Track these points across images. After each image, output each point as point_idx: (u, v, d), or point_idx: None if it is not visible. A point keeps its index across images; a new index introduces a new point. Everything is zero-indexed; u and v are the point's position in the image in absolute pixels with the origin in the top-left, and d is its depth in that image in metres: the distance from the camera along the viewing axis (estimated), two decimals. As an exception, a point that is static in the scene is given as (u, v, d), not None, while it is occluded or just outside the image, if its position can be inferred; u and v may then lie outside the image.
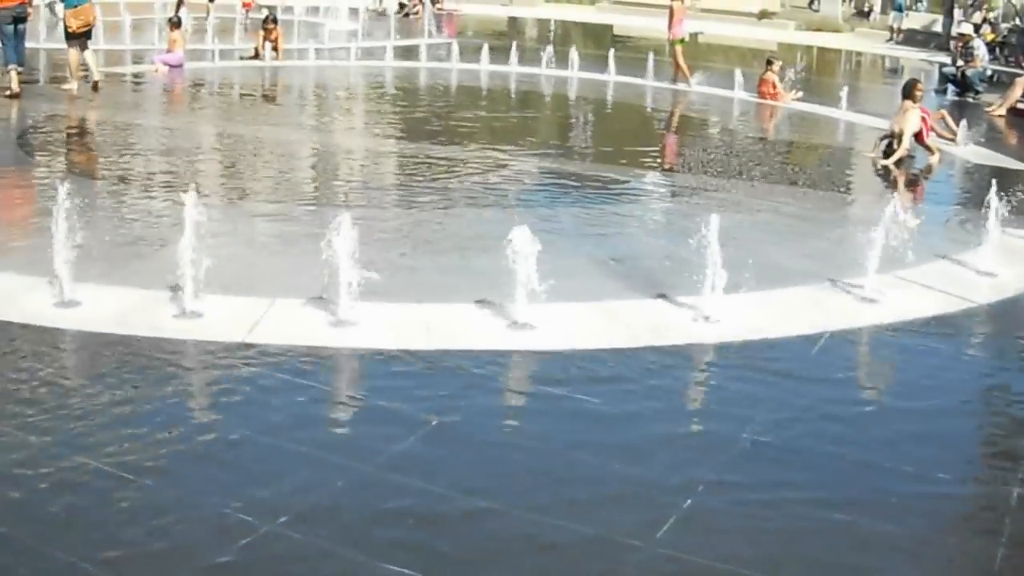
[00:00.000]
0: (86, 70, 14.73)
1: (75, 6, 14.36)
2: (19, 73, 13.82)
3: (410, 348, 5.73)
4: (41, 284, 6.18)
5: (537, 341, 5.92)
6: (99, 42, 18.88)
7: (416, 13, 31.49)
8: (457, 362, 5.63)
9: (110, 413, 4.74)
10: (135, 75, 17.50)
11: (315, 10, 28.88)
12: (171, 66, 17.38)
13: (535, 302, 6.00)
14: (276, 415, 4.85)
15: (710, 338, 6.11)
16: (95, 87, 14.55)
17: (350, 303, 5.95)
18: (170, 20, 18.31)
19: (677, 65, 18.59)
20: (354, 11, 26.41)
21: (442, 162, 11.37)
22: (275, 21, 19.59)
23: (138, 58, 19.08)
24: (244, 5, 26.73)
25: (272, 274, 6.95)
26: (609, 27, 33.85)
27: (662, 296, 6.64)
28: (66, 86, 14.63)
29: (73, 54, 14.59)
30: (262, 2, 26.94)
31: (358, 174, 11.30)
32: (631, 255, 7.95)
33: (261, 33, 19.39)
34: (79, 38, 14.54)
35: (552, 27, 32.76)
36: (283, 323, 5.97)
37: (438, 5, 33.41)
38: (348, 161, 11.92)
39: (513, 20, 35.91)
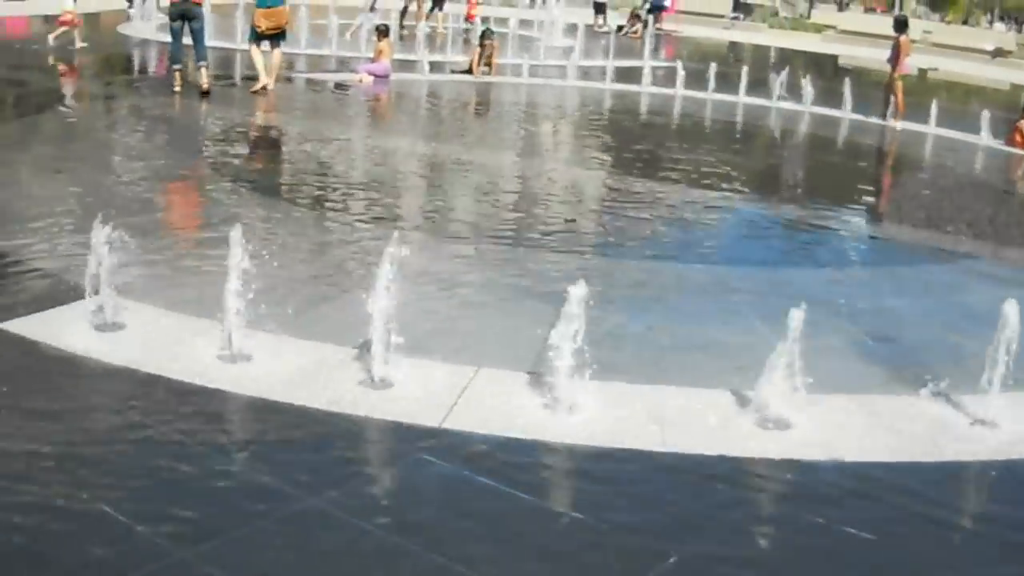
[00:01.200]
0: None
1: (268, 7, 13.79)
2: (203, 70, 13.33)
3: (641, 447, 4.47)
4: (207, 329, 5.19)
5: (792, 445, 4.59)
6: (300, 45, 18.84)
7: (635, 33, 30.21)
8: (696, 468, 4.35)
9: (259, 525, 3.66)
10: (338, 84, 16.54)
11: (529, 23, 27.96)
12: (376, 76, 16.52)
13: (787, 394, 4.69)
14: (480, 531, 3.67)
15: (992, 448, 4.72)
16: (263, 89, 14.06)
17: (569, 382, 4.72)
18: (378, 28, 17.44)
19: (895, 101, 16.68)
20: (571, 27, 25.04)
21: (668, 205, 9.97)
22: (492, 36, 18.61)
23: (343, 65, 18.21)
24: (468, 17, 26.05)
25: (476, 335, 5.80)
26: (833, 58, 31.92)
27: (931, 391, 5.19)
28: (257, 86, 14.10)
29: (255, 51, 14.06)
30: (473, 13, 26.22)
31: (574, 213, 9.73)
32: (894, 334, 6.45)
33: (477, 49, 18.39)
34: (267, 39, 14.02)
35: (773, 55, 30.99)
36: (488, 401, 4.80)
37: (657, 25, 32.00)
38: (562, 196, 10.48)
39: (734, 45, 34.23)
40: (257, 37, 13.99)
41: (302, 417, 4.51)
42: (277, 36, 14.03)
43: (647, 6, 33.68)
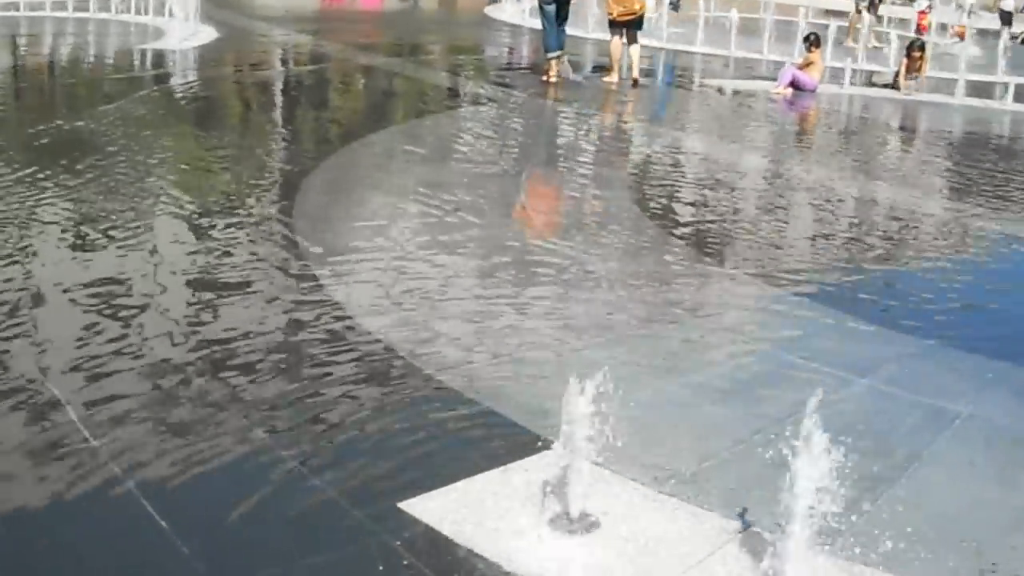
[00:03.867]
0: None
1: None
2: (559, 60, 12.47)
3: None
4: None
5: None
6: (729, 45, 16.60)
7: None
8: None
9: None
10: (746, 92, 13.34)
11: (943, 29, 22.67)
12: (801, 89, 13.49)
13: None
14: None
15: None
16: (634, 84, 12.77)
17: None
18: (807, 38, 14.36)
19: None
20: (980, 32, 20.94)
21: None
22: (922, 48, 15.24)
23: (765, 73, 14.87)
24: (957, 34, 21.39)
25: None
26: None
27: None
28: (606, 79, 12.90)
29: (615, 43, 12.83)
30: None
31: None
32: None
33: (904, 61, 14.99)
34: (621, 27, 12.75)
35: None
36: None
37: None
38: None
39: None
40: (611, 24, 12.88)
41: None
42: (632, 24, 12.80)
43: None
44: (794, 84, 13.20)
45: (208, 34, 15.10)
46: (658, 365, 4.25)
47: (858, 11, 20.10)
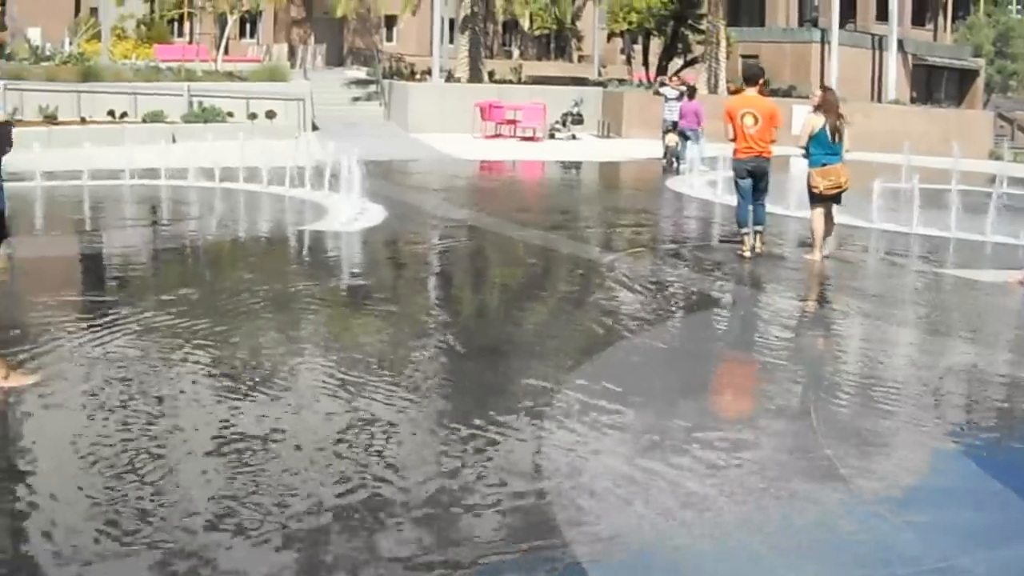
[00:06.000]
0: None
1: (823, 165, 11.92)
2: (758, 236, 11.86)
3: None
4: None
5: None
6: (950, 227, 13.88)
7: None
8: None
9: None
10: (983, 282, 11.16)
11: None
12: None
13: None
14: None
15: None
16: (822, 260, 12.01)
17: None
18: None
19: None
20: None
21: None
22: None
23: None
24: None
25: None
26: None
27: None
28: (808, 256, 12.26)
29: (818, 219, 12.19)
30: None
31: None
32: None
33: None
34: (827, 201, 12.13)
35: None
36: None
37: None
38: None
39: None
40: (815, 199, 12.22)
41: None
42: (836, 198, 11.98)
43: None
44: None
45: (376, 213, 13.93)
46: None
47: None
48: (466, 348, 7.64)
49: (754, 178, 11.91)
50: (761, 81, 12.40)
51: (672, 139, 22.85)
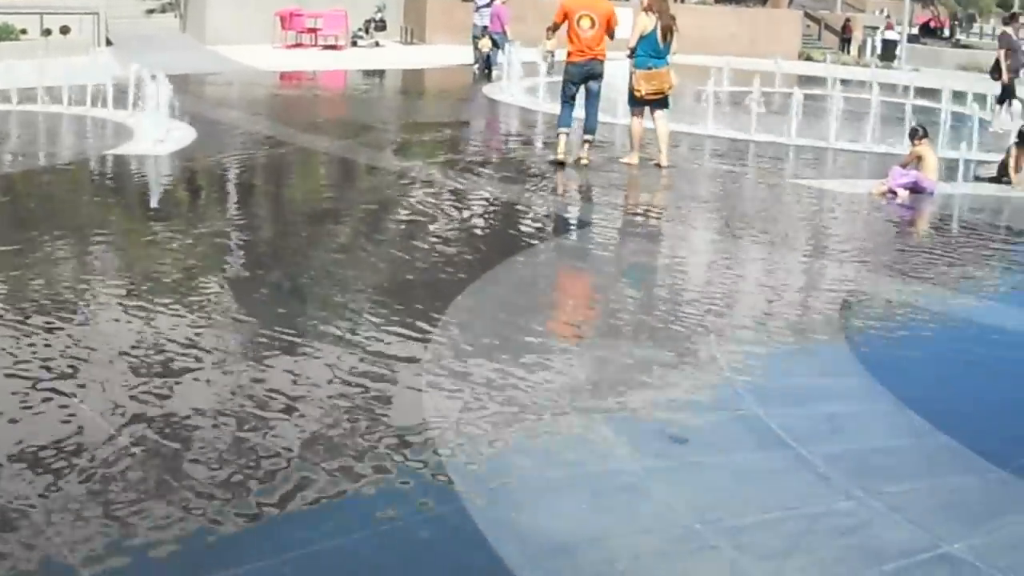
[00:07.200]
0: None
1: (648, 68, 11.99)
2: (587, 145, 11.95)
3: None
4: None
5: None
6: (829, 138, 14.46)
7: None
8: None
9: None
10: (849, 196, 11.55)
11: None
12: (915, 191, 11.52)
13: None
14: None
15: None
16: (658, 166, 12.25)
17: None
18: (913, 130, 12.31)
19: None
20: None
21: None
22: None
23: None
24: None
25: None
26: None
27: None
28: (624, 159, 12.47)
29: (636, 123, 12.35)
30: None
31: None
32: None
33: (1014, 152, 12.53)
34: (646, 105, 12.27)
35: None
36: None
37: None
38: None
39: None
40: (635, 102, 12.25)
41: None
42: (659, 103, 12.10)
43: None
44: (914, 186, 11.46)
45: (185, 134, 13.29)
46: None
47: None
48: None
49: (588, 80, 11.71)
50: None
51: (486, 44, 22.65)
